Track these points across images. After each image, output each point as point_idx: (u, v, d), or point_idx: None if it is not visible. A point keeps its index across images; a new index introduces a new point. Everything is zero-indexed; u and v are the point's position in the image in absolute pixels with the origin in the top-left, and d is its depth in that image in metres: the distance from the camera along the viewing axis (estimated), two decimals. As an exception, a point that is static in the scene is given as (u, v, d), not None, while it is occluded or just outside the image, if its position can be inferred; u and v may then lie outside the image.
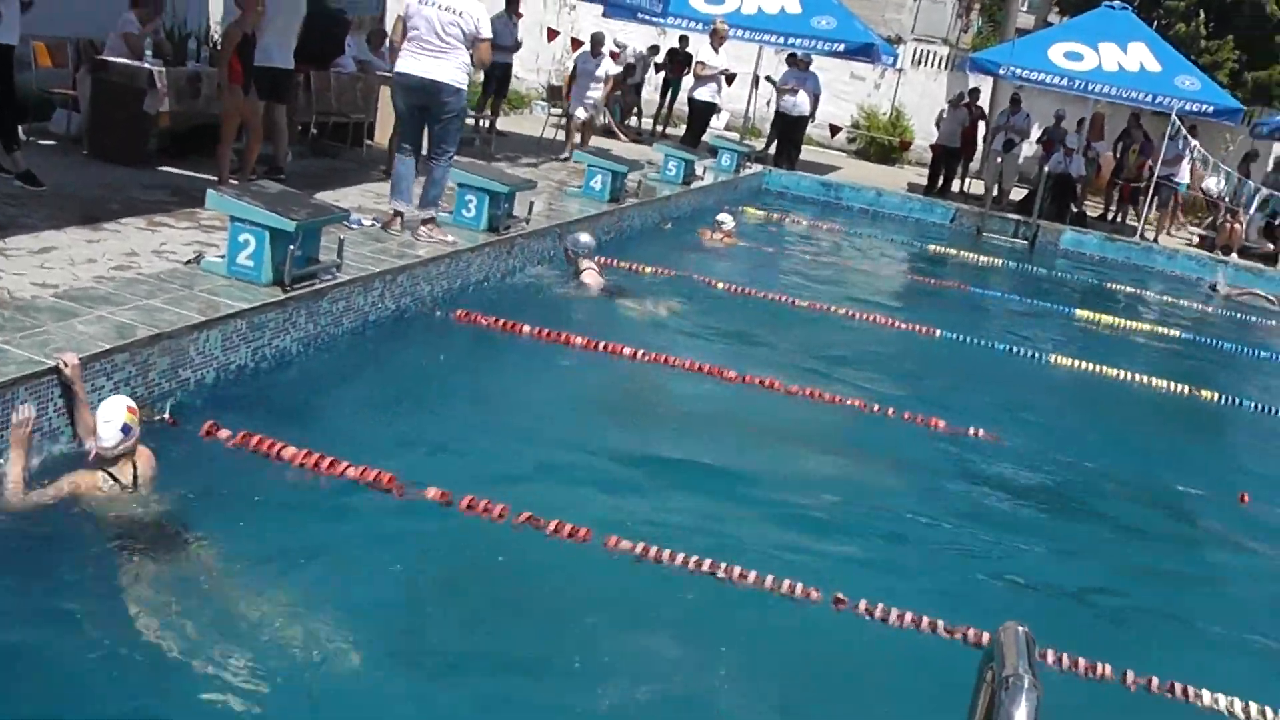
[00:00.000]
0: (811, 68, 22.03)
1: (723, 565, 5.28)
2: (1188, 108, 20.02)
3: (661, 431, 7.36)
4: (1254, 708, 4.96)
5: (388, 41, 9.20)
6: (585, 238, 10.62)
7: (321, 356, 7.28)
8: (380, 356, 7.71)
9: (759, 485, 6.65)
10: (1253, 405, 10.91)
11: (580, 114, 16.80)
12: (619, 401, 7.92)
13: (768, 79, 22.42)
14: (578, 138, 16.85)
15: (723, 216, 14.32)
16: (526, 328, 8.64)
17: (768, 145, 22.79)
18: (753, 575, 5.24)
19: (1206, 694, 4.98)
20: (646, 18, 18.02)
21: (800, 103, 21.63)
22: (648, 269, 11.52)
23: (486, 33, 9.14)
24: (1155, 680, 5.03)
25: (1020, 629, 2.58)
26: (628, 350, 8.55)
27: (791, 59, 22.31)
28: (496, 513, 5.42)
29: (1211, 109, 20.09)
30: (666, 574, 5.22)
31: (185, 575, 4.52)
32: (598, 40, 16.82)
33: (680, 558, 5.30)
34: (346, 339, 7.63)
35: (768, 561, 5.42)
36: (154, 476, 5.04)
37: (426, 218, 9.40)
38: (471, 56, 9.11)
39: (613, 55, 24.24)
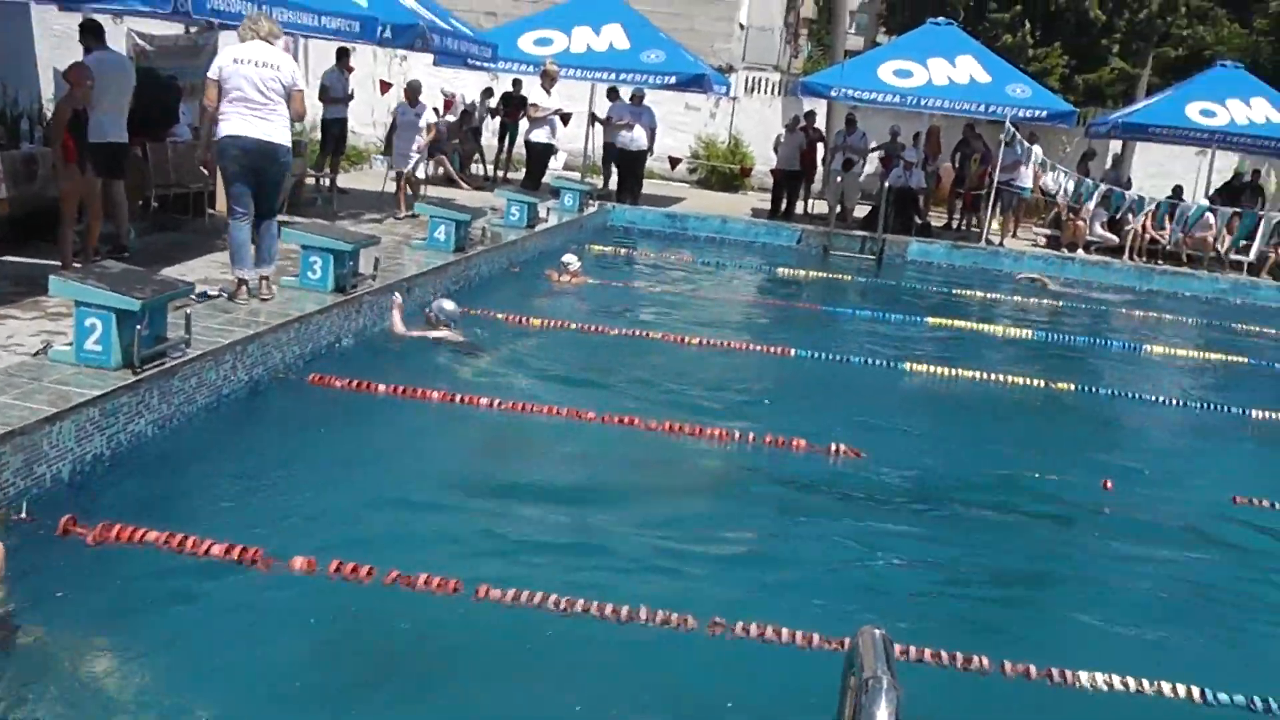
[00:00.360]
0: (645, 101, 22.31)
1: (595, 603, 5.31)
2: (1021, 114, 20.74)
3: (524, 478, 7.38)
4: (1131, 681, 5.16)
5: (200, 105, 9.12)
6: (450, 305, 10.62)
7: (179, 436, 7.16)
8: (238, 429, 7.60)
9: (626, 521, 6.70)
10: (1109, 393, 11.32)
11: (405, 168, 16.56)
12: (480, 452, 7.93)
13: (599, 119, 22.59)
14: (410, 189, 16.63)
15: (568, 257, 14.39)
16: (382, 386, 8.59)
17: (605, 181, 22.98)
18: (625, 610, 5.29)
19: (1084, 674, 5.17)
20: (477, 64, 18.08)
21: (637, 137, 21.88)
22: (499, 315, 11.53)
23: (300, 84, 9.16)
24: (1033, 667, 5.19)
25: (877, 632, 2.67)
26: (484, 400, 8.55)
27: (613, 93, 22.56)
28: (364, 574, 5.39)
29: (1045, 113, 20.85)
30: (541, 617, 5.24)
31: (41, 670, 4.43)
32: (414, 89, 16.60)
33: (553, 600, 5.32)
34: (203, 415, 7.51)
35: (642, 594, 5.47)
36: (3, 575, 4.92)
37: (265, 274, 9.38)
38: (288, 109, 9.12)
39: (446, 103, 24.33)
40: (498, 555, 6.01)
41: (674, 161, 26.50)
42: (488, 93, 25.02)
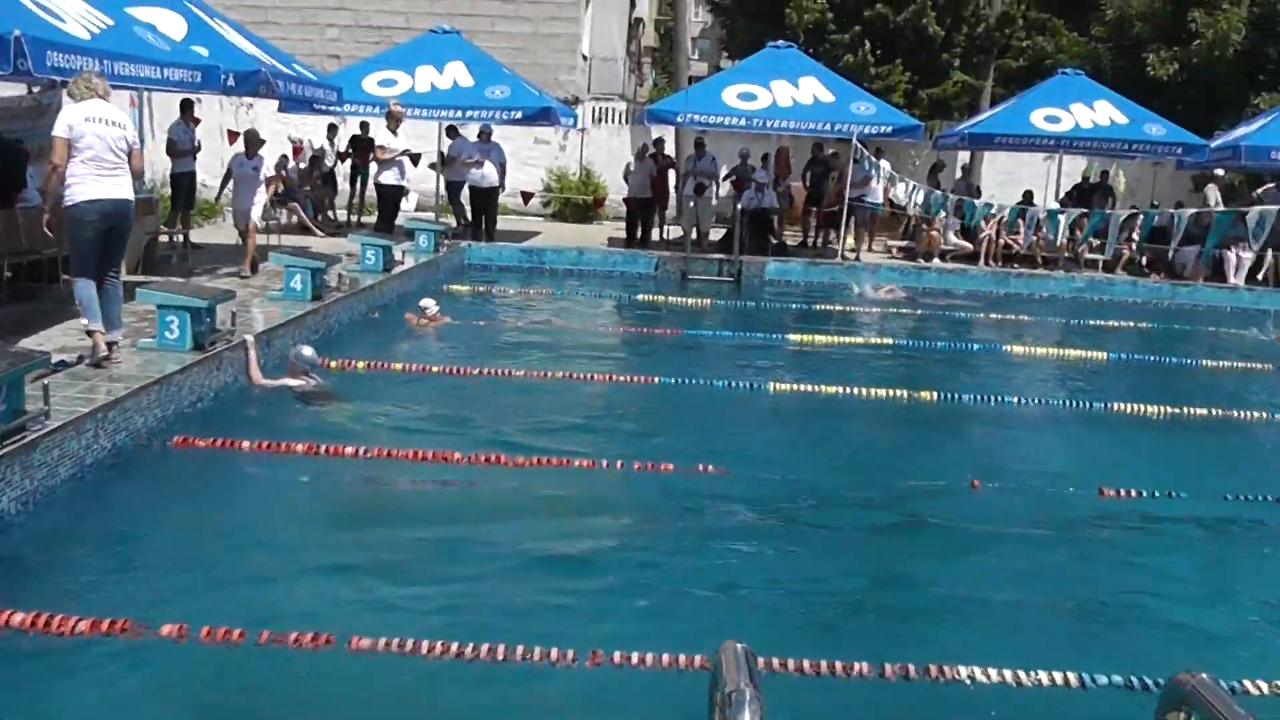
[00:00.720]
0: (494, 138, 22.37)
1: (470, 645, 5.34)
2: (867, 131, 21.22)
3: (393, 525, 7.37)
4: (1010, 674, 5.34)
5: (50, 165, 8.98)
6: (308, 351, 10.57)
7: (43, 511, 7.00)
8: (103, 499, 7.47)
9: (498, 559, 6.74)
10: (972, 397, 11.66)
11: (245, 224, 15.82)
12: (348, 502, 7.89)
13: (430, 165, 22.62)
14: (258, 238, 16.24)
15: (425, 301, 14.35)
16: (246, 443, 8.52)
17: (458, 219, 22.97)
18: (502, 648, 5.31)
19: (964, 669, 5.34)
20: (323, 108, 17.99)
21: (488, 174, 21.93)
22: (360, 364, 11.48)
23: (137, 141, 9.14)
24: (912, 667, 5.34)
25: (738, 646, 2.77)
26: (350, 449, 8.52)
27: (452, 130, 22.62)
28: (236, 636, 5.36)
29: (890, 129, 21.38)
30: (415, 664, 5.25)
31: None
32: (251, 139, 16.15)
33: (426, 645, 5.34)
34: (66, 488, 7.36)
35: (519, 631, 5.52)
36: None
37: (113, 340, 9.27)
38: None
39: (295, 149, 24.13)
40: (370, 605, 6.01)
41: (526, 196, 26.59)
42: (332, 129, 24.81)
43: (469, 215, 22.68)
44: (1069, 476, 8.94)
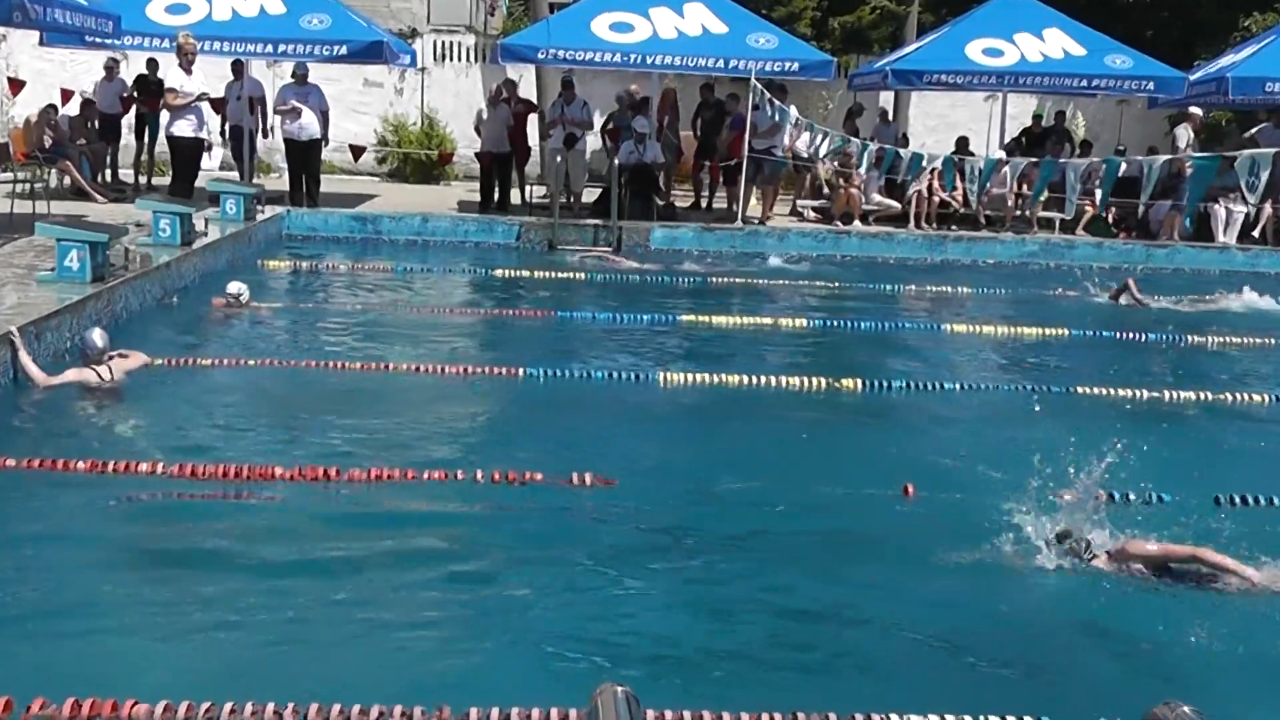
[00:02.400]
0: (311, 79, 22.10)
1: (290, 707, 5.22)
2: (768, 68, 21.26)
3: (197, 562, 7.19)
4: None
5: None
6: (98, 336, 10.43)
7: None
8: None
9: (329, 597, 6.66)
10: (904, 385, 11.80)
11: None
12: (141, 534, 7.72)
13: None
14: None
15: (234, 286, 14.11)
16: (11, 461, 8.31)
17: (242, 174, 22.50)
18: (335, 709, 5.21)
19: (895, 717, 5.34)
20: (97, 40, 17.61)
21: (307, 124, 21.63)
22: (157, 361, 11.29)
23: None
24: (833, 717, 5.33)
25: (618, 689, 2.74)
26: (144, 466, 8.34)
27: (236, 66, 22.29)
28: (-1, 708, 5.22)
29: (796, 65, 21.46)
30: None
31: None
32: None
33: (231, 710, 5.20)
34: None
35: (353, 685, 5.48)
36: None
37: None
38: None
39: (64, 94, 23.65)
40: (163, 663, 5.87)
41: (356, 151, 26.31)
42: (111, 64, 24.13)
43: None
44: (1020, 479, 8.98)
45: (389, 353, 12.30)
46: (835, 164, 22.55)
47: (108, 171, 23.66)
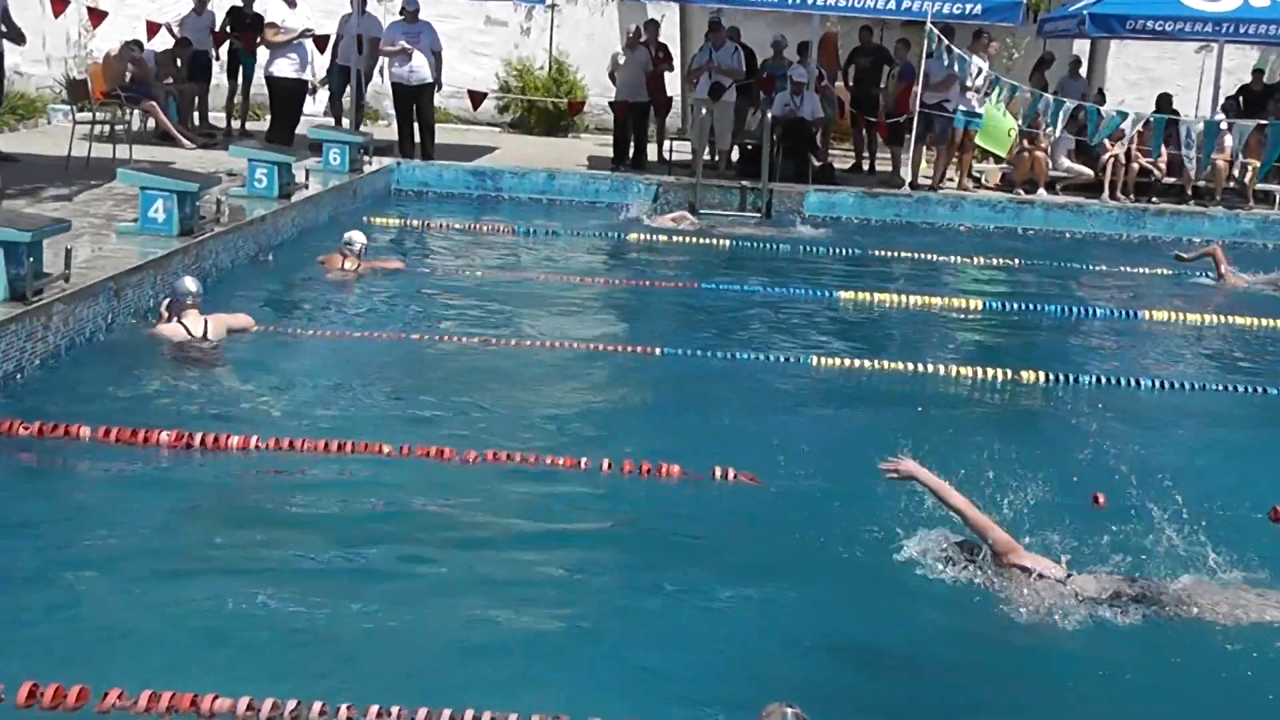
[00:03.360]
0: (423, 16, 22.08)
1: (396, 710, 5.29)
2: (946, 10, 20.94)
3: (295, 545, 7.25)
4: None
5: None
6: (189, 282, 10.71)
7: None
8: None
9: (437, 593, 6.70)
10: (1096, 379, 11.66)
11: None
12: (232, 512, 7.78)
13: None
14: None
15: (352, 235, 14.23)
16: (86, 430, 8.44)
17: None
18: (447, 715, 5.28)
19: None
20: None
21: (417, 67, 21.64)
22: (254, 326, 11.41)
23: None
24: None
25: (788, 710, 2.72)
26: (236, 440, 8.46)
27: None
28: (73, 699, 5.27)
29: (979, 7, 21.06)
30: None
31: None
32: None
33: (320, 709, 5.28)
34: None
35: (465, 691, 5.52)
36: None
37: None
38: None
39: (151, 27, 23.94)
40: (250, 654, 5.96)
41: (476, 99, 26.36)
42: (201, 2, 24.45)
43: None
44: (1235, 492, 8.82)
45: (508, 325, 12.40)
46: (1023, 124, 22.16)
47: (196, 115, 23.90)
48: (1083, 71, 25.42)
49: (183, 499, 7.90)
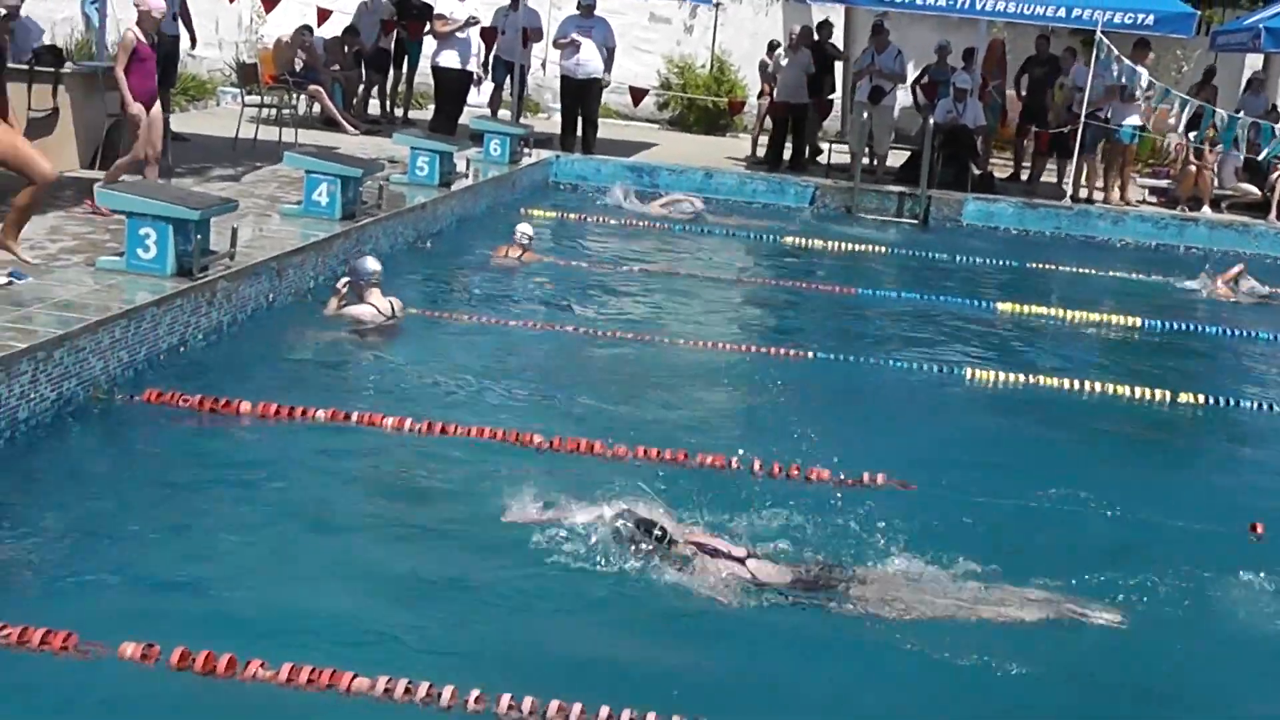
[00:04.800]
0: (598, 11, 22.18)
1: (556, 703, 5.29)
2: (1118, 20, 20.62)
3: (449, 531, 7.31)
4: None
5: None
6: (370, 262, 10.89)
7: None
8: (43, 469, 7.54)
9: (582, 591, 6.69)
10: (1254, 405, 11.43)
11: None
12: (382, 493, 7.85)
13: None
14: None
15: (523, 228, 14.46)
16: (247, 405, 8.57)
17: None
18: (605, 712, 5.29)
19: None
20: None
21: (587, 61, 21.68)
22: (413, 310, 11.51)
23: None
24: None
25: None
26: (390, 421, 8.55)
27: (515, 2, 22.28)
28: (222, 666, 5.36)
29: (1152, 18, 20.72)
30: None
31: None
32: None
33: (507, 701, 5.31)
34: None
35: (605, 689, 5.54)
36: None
37: None
38: None
39: (321, 14, 24.16)
40: (389, 635, 6.01)
41: (637, 95, 26.38)
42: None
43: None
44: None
45: (660, 322, 12.38)
46: (1192, 139, 21.74)
47: (365, 102, 24.11)
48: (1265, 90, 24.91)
49: (337, 476, 8.00)
